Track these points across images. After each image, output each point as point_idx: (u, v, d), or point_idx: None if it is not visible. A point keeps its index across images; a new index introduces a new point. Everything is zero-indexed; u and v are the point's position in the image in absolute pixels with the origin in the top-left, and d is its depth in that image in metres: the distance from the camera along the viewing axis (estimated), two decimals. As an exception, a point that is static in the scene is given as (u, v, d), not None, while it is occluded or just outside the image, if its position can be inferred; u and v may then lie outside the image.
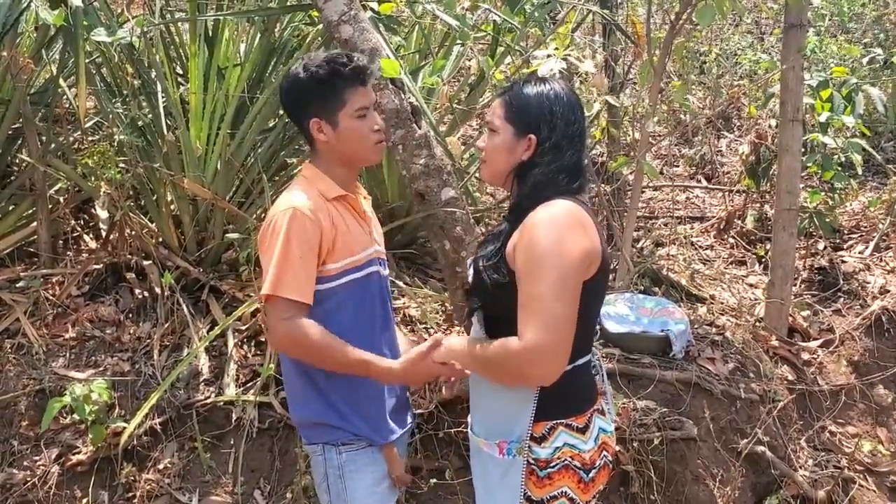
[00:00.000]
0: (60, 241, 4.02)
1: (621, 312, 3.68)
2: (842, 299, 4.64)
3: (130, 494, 3.12)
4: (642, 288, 4.22)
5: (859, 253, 5.09)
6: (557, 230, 1.89)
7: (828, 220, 4.86)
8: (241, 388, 3.34)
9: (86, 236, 4.15)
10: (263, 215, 3.64)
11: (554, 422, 2.03)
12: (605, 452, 2.12)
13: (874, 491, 3.70)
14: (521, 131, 2.04)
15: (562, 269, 1.86)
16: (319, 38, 3.81)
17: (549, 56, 3.42)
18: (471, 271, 2.14)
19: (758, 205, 5.56)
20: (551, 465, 2.02)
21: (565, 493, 2.03)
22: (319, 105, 2.15)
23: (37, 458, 3.14)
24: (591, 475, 2.05)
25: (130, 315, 3.64)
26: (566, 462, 2.02)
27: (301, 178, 2.23)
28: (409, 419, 2.39)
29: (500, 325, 2.00)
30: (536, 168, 2.01)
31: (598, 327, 3.67)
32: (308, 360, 2.12)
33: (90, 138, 4.08)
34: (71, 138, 4.18)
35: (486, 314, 2.10)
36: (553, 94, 2.04)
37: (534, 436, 2.03)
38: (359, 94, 2.17)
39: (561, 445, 2.02)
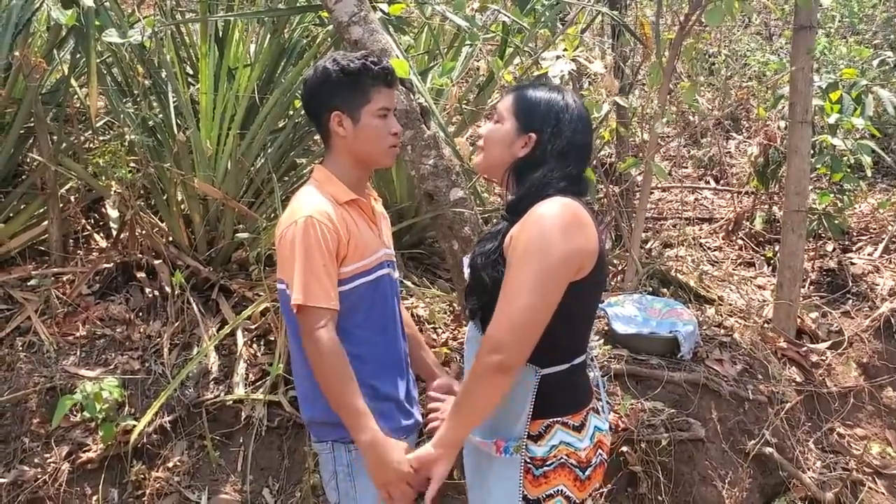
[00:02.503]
0: (71, 240, 4.05)
1: (630, 314, 3.68)
2: (850, 301, 4.64)
3: (140, 492, 3.14)
4: (651, 289, 4.22)
5: (868, 255, 5.07)
6: (551, 227, 1.89)
7: (837, 221, 4.86)
8: (251, 387, 3.36)
9: (96, 235, 4.17)
10: (273, 215, 3.66)
11: (550, 420, 2.04)
12: (600, 450, 2.12)
13: (883, 493, 3.69)
14: (523, 128, 2.06)
15: (541, 268, 1.87)
16: (329, 39, 3.83)
17: (558, 57, 3.43)
18: (468, 270, 2.15)
19: (766, 206, 5.55)
20: (547, 463, 2.02)
21: (561, 491, 2.03)
22: (344, 98, 2.17)
23: (47, 455, 3.16)
24: (587, 473, 2.05)
25: (140, 314, 3.66)
26: (562, 460, 2.02)
27: (312, 181, 2.24)
28: (418, 417, 2.39)
29: None
30: (538, 171, 2.02)
31: (606, 328, 3.68)
32: (321, 372, 2.12)
33: (101, 138, 4.11)
34: (82, 138, 4.20)
35: (484, 315, 2.11)
36: (564, 102, 2.05)
37: (530, 434, 2.03)
38: (383, 95, 2.19)
39: (557, 443, 2.02)
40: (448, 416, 2.04)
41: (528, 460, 2.02)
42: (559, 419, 2.04)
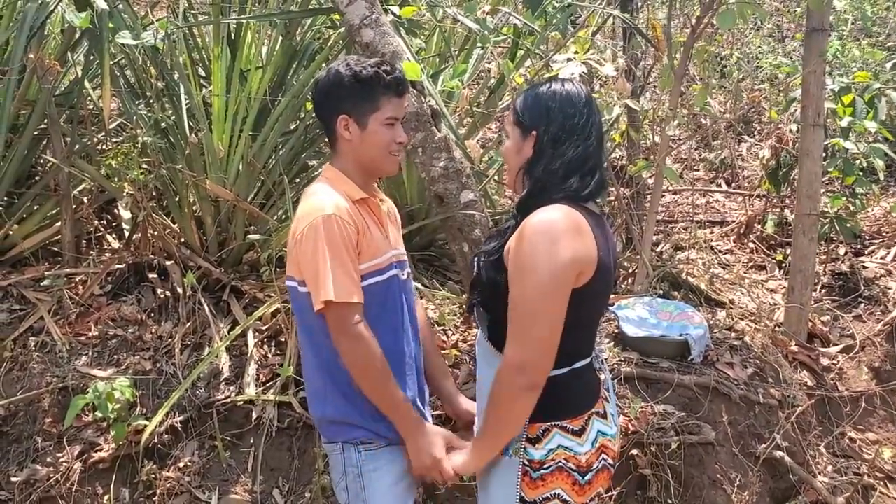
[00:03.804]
0: (84, 241, 4.08)
1: (640, 316, 3.67)
2: (862, 305, 4.61)
3: (151, 492, 3.16)
4: (661, 292, 4.21)
5: (881, 258, 5.05)
6: (546, 237, 1.89)
7: (849, 225, 4.83)
8: (261, 388, 3.37)
9: (109, 236, 4.20)
10: (284, 217, 3.68)
11: (549, 423, 2.03)
12: (603, 455, 2.11)
13: (894, 498, 3.67)
14: (525, 131, 2.07)
15: (542, 279, 1.87)
16: (341, 42, 3.84)
17: (569, 60, 3.43)
18: (475, 267, 2.16)
19: (778, 209, 5.53)
20: (545, 466, 2.02)
21: (558, 494, 2.03)
22: (353, 103, 2.18)
23: (60, 454, 3.18)
24: (586, 478, 2.05)
25: (152, 314, 3.68)
26: (560, 464, 2.02)
27: (324, 178, 2.25)
28: (429, 418, 2.40)
29: (502, 328, 2.00)
30: (539, 165, 2.03)
31: (616, 331, 3.68)
32: (363, 367, 2.14)
33: (114, 139, 4.14)
34: (95, 139, 4.23)
35: (489, 317, 2.11)
36: (551, 91, 2.06)
37: (528, 437, 2.03)
38: (393, 104, 2.21)
39: (555, 447, 2.02)
40: (475, 444, 2.08)
41: (526, 462, 2.02)
42: (557, 423, 2.04)
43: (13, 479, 3.11)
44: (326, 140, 4.08)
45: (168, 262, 3.81)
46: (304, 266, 2.14)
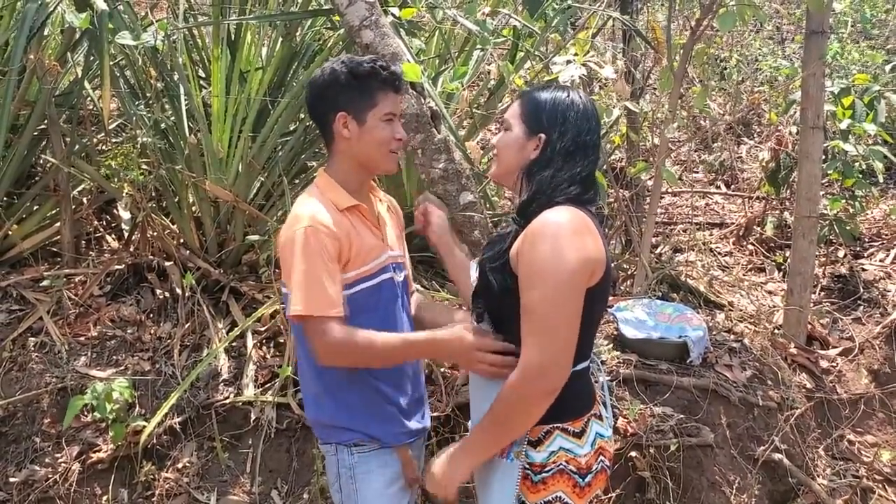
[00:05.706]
0: (83, 242, 4.08)
1: (639, 318, 3.67)
2: (862, 307, 4.62)
3: (149, 493, 3.16)
4: (660, 294, 4.21)
5: (880, 261, 5.05)
6: (559, 239, 1.88)
7: (848, 227, 4.84)
8: (260, 389, 3.37)
9: (108, 237, 4.20)
10: (284, 217, 3.67)
11: (550, 426, 2.02)
12: (602, 457, 2.10)
13: (893, 501, 3.67)
14: (532, 131, 2.05)
15: (561, 280, 1.86)
16: (341, 43, 3.84)
17: (569, 62, 3.43)
18: (476, 273, 2.15)
19: (777, 211, 5.54)
20: (546, 469, 2.01)
21: (560, 498, 2.01)
22: (351, 100, 2.17)
23: (58, 455, 3.18)
24: (586, 480, 2.04)
25: (151, 315, 3.68)
26: (561, 466, 2.01)
27: (314, 187, 2.23)
28: (426, 421, 2.39)
29: (505, 326, 2.01)
30: (546, 171, 2.01)
31: (615, 333, 3.68)
32: (356, 363, 2.15)
33: (114, 140, 4.14)
34: (95, 140, 4.23)
35: (491, 318, 2.09)
36: (569, 100, 2.05)
37: (530, 440, 2.02)
38: (390, 100, 2.19)
39: (556, 450, 2.01)
40: (471, 446, 2.04)
41: (527, 466, 2.01)
42: (559, 425, 2.02)
43: (11, 480, 3.11)
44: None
45: (167, 263, 3.81)
46: (284, 276, 2.14)
